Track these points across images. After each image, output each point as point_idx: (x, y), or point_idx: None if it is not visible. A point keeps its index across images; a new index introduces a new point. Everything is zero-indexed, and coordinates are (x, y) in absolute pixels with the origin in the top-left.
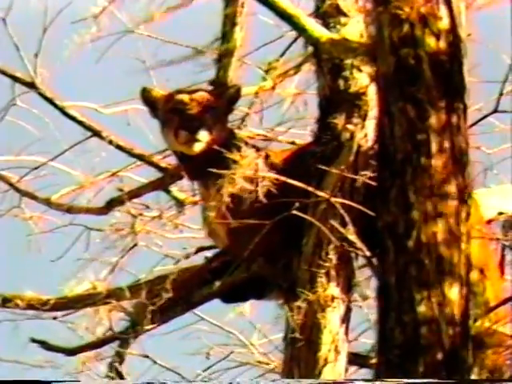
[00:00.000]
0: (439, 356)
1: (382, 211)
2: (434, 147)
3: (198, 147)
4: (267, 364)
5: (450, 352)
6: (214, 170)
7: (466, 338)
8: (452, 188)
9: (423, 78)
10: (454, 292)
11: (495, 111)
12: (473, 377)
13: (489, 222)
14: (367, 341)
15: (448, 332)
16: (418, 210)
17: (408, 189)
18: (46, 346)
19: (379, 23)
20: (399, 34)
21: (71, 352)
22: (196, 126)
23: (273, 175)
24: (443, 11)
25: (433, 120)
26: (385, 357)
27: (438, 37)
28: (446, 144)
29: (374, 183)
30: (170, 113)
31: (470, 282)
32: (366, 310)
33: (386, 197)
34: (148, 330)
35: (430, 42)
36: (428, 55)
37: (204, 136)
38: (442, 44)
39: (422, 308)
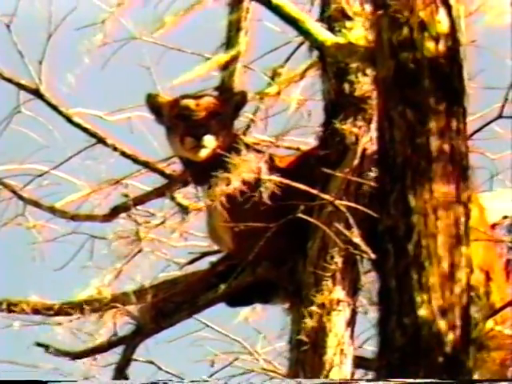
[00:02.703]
0: (440, 359)
1: (382, 215)
2: (433, 151)
3: (203, 153)
4: (272, 371)
5: (451, 355)
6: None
7: (466, 341)
8: (452, 191)
9: (422, 82)
10: (454, 295)
11: (500, 117)
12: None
13: (493, 225)
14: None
15: (449, 335)
16: (418, 213)
17: (408, 192)
18: (51, 350)
19: (378, 27)
20: (398, 38)
21: (76, 356)
22: (202, 132)
23: (276, 178)
24: (442, 15)
25: (432, 124)
26: (385, 360)
27: (437, 41)
28: (446, 148)
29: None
30: (176, 119)
31: (470, 284)
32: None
33: (386, 200)
34: (153, 334)
35: (430, 45)
36: (427, 59)
37: (210, 142)
38: (442, 48)
39: (422, 311)
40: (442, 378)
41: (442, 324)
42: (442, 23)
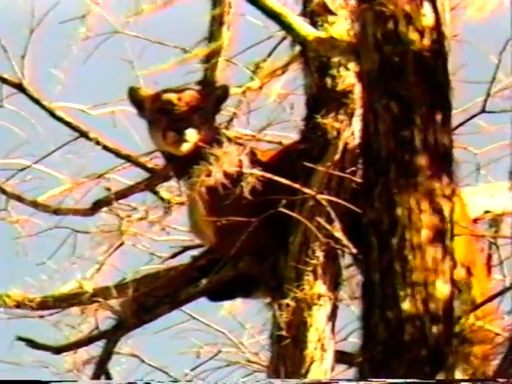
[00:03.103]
0: (423, 353)
1: (367, 208)
2: (417, 144)
3: (185, 148)
4: (256, 363)
5: (434, 349)
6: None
7: (449, 334)
8: (436, 185)
9: (407, 75)
10: (437, 289)
11: (482, 111)
12: (457, 374)
13: (475, 220)
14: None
15: (432, 329)
16: (402, 206)
17: (392, 186)
18: (32, 344)
19: (363, 20)
20: (383, 31)
21: (58, 350)
22: (184, 126)
23: (258, 172)
24: (427, 8)
25: (417, 117)
26: (369, 353)
27: (422, 34)
28: (430, 141)
29: (360, 180)
30: (158, 113)
31: (454, 278)
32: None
33: (371, 194)
34: (134, 328)
35: (414, 39)
36: (412, 52)
37: (192, 136)
38: (426, 41)
39: (405, 305)
40: (424, 371)
41: (425, 317)
42: (427, 17)
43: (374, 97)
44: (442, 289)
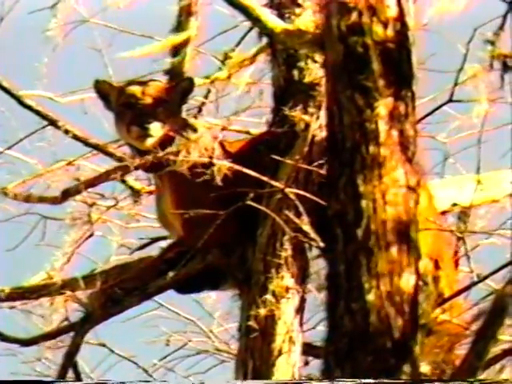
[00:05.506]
0: (388, 344)
1: (331, 200)
2: (382, 135)
3: (149, 142)
4: (225, 352)
5: (399, 341)
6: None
7: (414, 326)
8: (400, 176)
9: (371, 67)
10: (402, 281)
11: (450, 101)
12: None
13: (443, 213)
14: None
15: (397, 321)
16: (366, 198)
17: (357, 177)
18: (1, 336)
19: (327, 12)
20: (347, 23)
21: (26, 343)
22: (148, 121)
23: (227, 163)
24: (391, 0)
25: (381, 108)
26: (334, 345)
27: (385, 25)
28: (394, 132)
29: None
30: (123, 107)
31: (419, 270)
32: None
33: (335, 185)
34: (103, 321)
35: (378, 30)
36: (376, 43)
37: (156, 130)
38: (390, 32)
39: (371, 296)
40: (389, 363)
41: (390, 309)
42: (391, 8)
43: (339, 88)
44: (408, 280)
